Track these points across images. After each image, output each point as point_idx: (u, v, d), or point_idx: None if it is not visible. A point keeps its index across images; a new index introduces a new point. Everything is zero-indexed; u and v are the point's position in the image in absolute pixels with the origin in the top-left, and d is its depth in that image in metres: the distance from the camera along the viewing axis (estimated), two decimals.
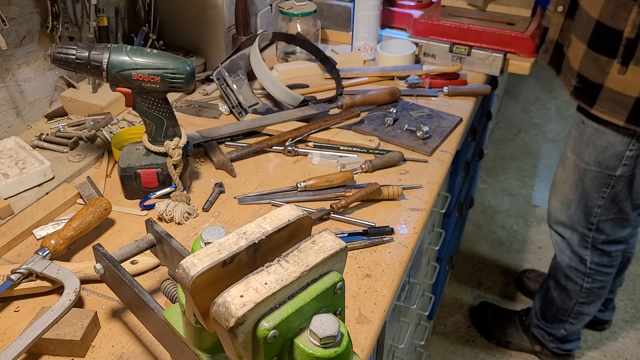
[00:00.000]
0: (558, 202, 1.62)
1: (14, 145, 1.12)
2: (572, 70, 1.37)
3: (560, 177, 1.58)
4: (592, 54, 1.29)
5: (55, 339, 0.73)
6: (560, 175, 1.58)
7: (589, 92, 1.34)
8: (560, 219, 1.63)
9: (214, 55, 1.45)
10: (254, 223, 0.53)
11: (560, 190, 1.59)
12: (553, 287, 1.78)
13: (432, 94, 1.40)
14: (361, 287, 0.87)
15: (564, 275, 1.71)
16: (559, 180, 1.59)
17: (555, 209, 1.64)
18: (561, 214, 1.62)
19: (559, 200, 1.61)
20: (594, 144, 1.41)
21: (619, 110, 1.30)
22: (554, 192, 1.63)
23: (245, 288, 0.46)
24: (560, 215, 1.62)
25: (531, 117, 3.47)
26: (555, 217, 1.65)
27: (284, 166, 1.15)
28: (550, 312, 1.83)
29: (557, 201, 1.62)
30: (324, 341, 0.48)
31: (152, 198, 1.02)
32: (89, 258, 0.90)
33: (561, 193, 1.59)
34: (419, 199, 1.06)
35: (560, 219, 1.63)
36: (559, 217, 1.63)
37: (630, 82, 1.25)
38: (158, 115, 0.98)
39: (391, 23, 1.68)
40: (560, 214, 1.62)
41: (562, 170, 1.57)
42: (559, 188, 1.59)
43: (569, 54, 1.38)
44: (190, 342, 0.58)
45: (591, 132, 1.41)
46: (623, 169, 1.41)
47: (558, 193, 1.61)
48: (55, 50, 0.91)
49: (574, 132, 1.48)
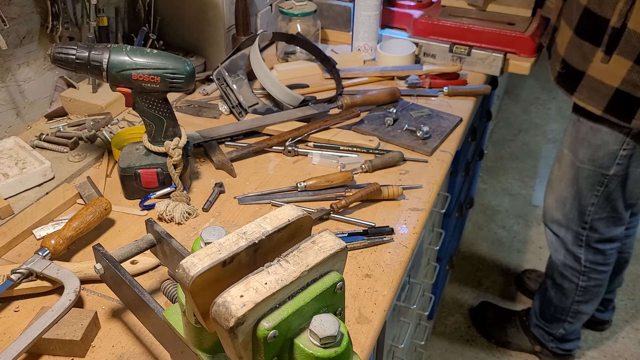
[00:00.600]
0: (553, 200, 1.62)
1: (14, 145, 1.12)
2: (557, 55, 1.37)
3: (556, 174, 1.58)
4: (577, 40, 1.29)
5: (55, 339, 0.73)
6: (556, 173, 1.58)
7: (571, 78, 1.33)
8: (555, 217, 1.63)
9: (214, 55, 1.45)
10: (254, 223, 0.53)
11: (556, 188, 1.59)
12: (550, 286, 1.78)
13: (432, 94, 1.40)
14: (361, 287, 0.87)
15: (559, 274, 1.72)
16: (555, 178, 1.59)
17: (551, 207, 1.64)
18: (556, 212, 1.62)
19: (555, 198, 1.61)
20: (589, 142, 1.41)
21: (598, 99, 1.29)
22: (549, 190, 1.63)
23: (245, 288, 0.46)
24: (555, 214, 1.62)
25: (531, 117, 3.47)
26: (551, 215, 1.65)
27: (284, 166, 1.15)
28: (548, 311, 1.83)
29: (552, 199, 1.62)
30: (324, 341, 0.48)
31: (152, 198, 1.02)
32: (89, 258, 0.90)
33: (557, 191, 1.59)
34: (419, 199, 1.06)
35: (555, 217, 1.63)
36: (554, 215, 1.63)
37: (612, 72, 1.24)
38: (158, 115, 0.98)
39: (391, 23, 1.68)
40: (555, 212, 1.62)
41: (558, 168, 1.57)
42: (555, 186, 1.59)
43: (558, 39, 1.38)
44: (190, 342, 0.58)
45: (586, 130, 1.41)
46: (616, 168, 1.41)
47: (554, 191, 1.60)
48: (55, 50, 0.91)
49: (570, 130, 1.48)
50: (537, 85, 3.77)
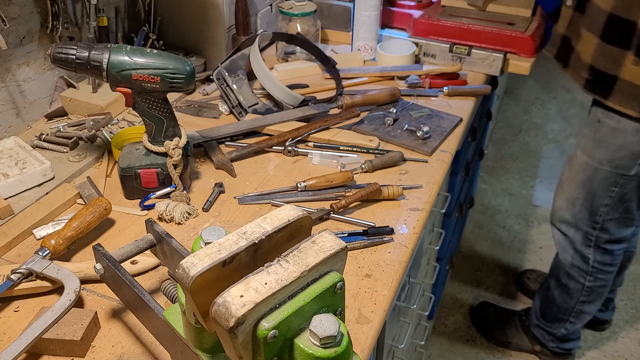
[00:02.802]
0: (563, 200, 1.62)
1: (14, 145, 1.12)
2: (582, 64, 1.38)
3: (567, 175, 1.59)
4: (605, 46, 1.30)
5: (55, 339, 0.73)
6: (567, 174, 1.59)
7: (603, 84, 1.35)
8: (564, 217, 1.64)
9: (214, 55, 1.45)
10: (254, 223, 0.53)
11: (566, 189, 1.60)
12: (554, 286, 1.78)
13: (432, 94, 1.40)
14: (361, 287, 0.87)
15: (565, 273, 1.72)
16: (566, 179, 1.60)
17: (560, 207, 1.64)
18: (565, 212, 1.62)
19: (564, 198, 1.61)
20: (609, 142, 1.42)
21: (633, 101, 1.31)
22: (559, 191, 1.64)
23: (245, 288, 0.46)
24: (564, 214, 1.63)
25: (531, 117, 3.47)
26: (560, 215, 1.66)
27: (284, 166, 1.15)
28: (550, 311, 1.83)
29: (562, 199, 1.63)
30: (324, 341, 0.48)
31: (152, 198, 1.02)
32: (89, 258, 0.90)
33: (567, 191, 1.60)
34: (419, 199, 1.06)
35: (564, 217, 1.64)
36: (563, 215, 1.64)
37: None
38: (158, 115, 0.98)
39: (391, 23, 1.68)
40: (564, 212, 1.63)
41: (569, 170, 1.58)
42: (565, 187, 1.60)
43: (579, 48, 1.39)
44: (190, 342, 0.58)
45: (606, 131, 1.42)
46: (638, 168, 1.42)
47: (564, 191, 1.61)
48: (55, 50, 0.91)
49: (587, 131, 1.49)
50: (537, 85, 3.77)
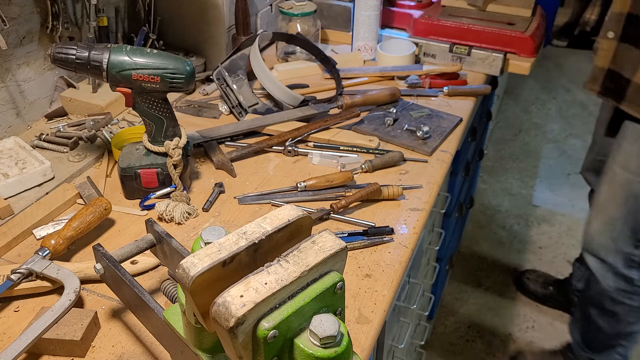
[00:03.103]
0: (600, 224, 1.57)
1: (14, 145, 1.12)
2: None
3: (605, 196, 1.54)
4: None
5: (55, 339, 0.73)
6: (605, 194, 1.54)
7: None
8: (603, 242, 1.58)
9: (214, 55, 1.45)
10: (254, 223, 0.53)
11: (605, 209, 1.55)
12: (597, 314, 1.71)
13: (432, 94, 1.40)
14: (361, 287, 0.87)
15: (610, 299, 1.65)
16: (605, 200, 1.54)
17: (597, 231, 1.59)
18: (603, 236, 1.57)
19: (602, 221, 1.57)
20: None
21: None
22: (596, 214, 1.59)
23: (245, 288, 0.46)
24: (602, 239, 1.58)
25: (531, 117, 3.47)
26: (598, 242, 1.60)
27: (284, 166, 1.15)
28: (596, 340, 1.77)
29: (599, 222, 1.58)
30: (324, 341, 0.48)
31: (152, 198, 1.02)
32: (89, 258, 0.90)
33: (606, 213, 1.55)
34: (419, 199, 1.06)
35: (603, 242, 1.58)
36: (601, 240, 1.58)
37: None
38: (158, 115, 0.98)
39: (391, 23, 1.68)
40: (602, 236, 1.58)
41: (607, 189, 1.53)
42: (604, 207, 1.55)
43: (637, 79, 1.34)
44: (190, 342, 0.58)
45: None
46: None
47: (602, 213, 1.56)
48: (55, 50, 0.91)
49: (627, 147, 1.44)
50: (537, 85, 3.77)
